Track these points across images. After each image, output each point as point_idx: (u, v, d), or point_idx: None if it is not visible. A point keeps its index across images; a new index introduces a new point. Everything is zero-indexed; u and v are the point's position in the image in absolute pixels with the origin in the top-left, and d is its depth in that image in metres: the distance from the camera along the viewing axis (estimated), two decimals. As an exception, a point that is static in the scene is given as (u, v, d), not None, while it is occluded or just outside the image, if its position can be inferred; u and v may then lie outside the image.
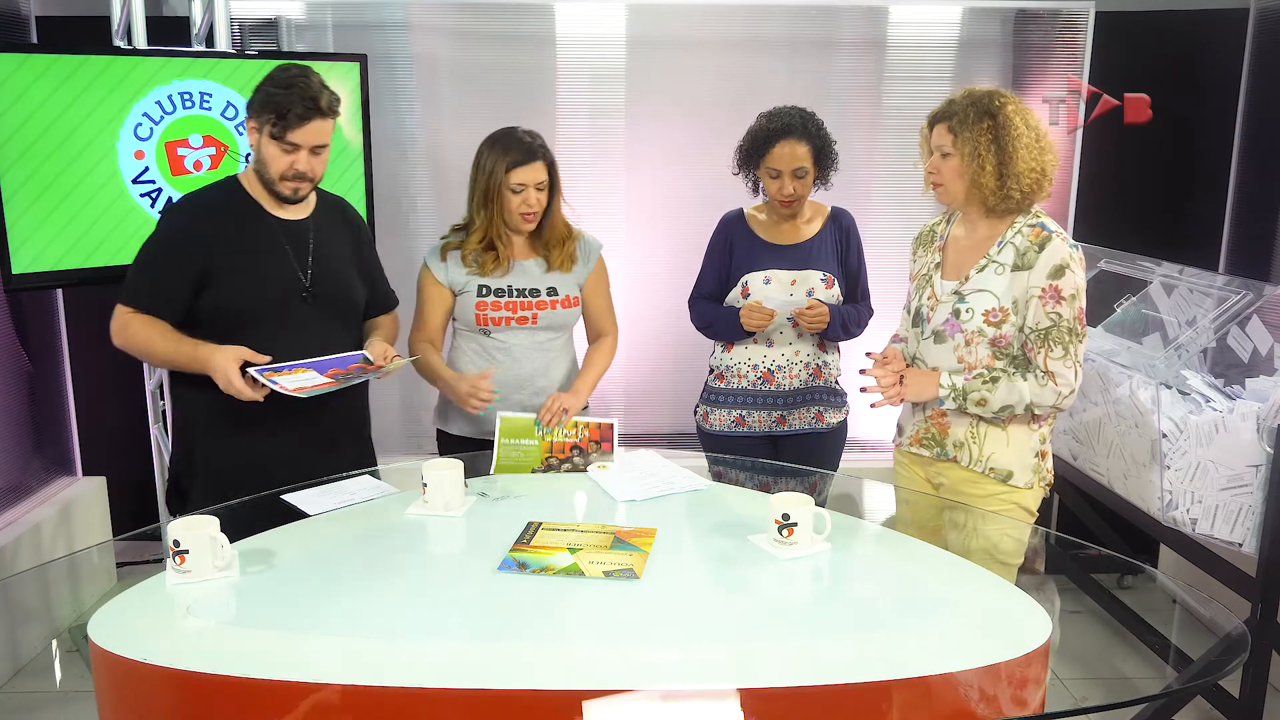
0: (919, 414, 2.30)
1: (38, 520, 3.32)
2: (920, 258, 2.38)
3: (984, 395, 2.14)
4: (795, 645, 1.57)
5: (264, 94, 2.16)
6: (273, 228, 2.26)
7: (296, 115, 2.13)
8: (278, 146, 2.17)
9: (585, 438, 2.34)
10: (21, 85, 2.80)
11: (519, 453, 2.34)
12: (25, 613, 3.01)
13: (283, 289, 2.25)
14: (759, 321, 2.57)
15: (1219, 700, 2.67)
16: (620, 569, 1.76)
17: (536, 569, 1.76)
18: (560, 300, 2.54)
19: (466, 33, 3.59)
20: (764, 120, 2.64)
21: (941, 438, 2.25)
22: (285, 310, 2.25)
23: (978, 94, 2.16)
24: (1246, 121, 3.60)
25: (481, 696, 1.42)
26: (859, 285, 2.75)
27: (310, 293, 2.27)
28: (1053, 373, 2.12)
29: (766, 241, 2.69)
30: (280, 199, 2.25)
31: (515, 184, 2.42)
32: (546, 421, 2.35)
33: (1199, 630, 2.11)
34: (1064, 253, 2.11)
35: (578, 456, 2.34)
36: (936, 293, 2.25)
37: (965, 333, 2.18)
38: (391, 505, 2.11)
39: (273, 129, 2.15)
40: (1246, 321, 2.79)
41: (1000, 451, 2.20)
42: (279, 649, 1.53)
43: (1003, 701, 1.50)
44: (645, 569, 1.77)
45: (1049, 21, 3.59)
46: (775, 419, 2.71)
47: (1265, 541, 2.46)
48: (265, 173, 2.21)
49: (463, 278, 2.50)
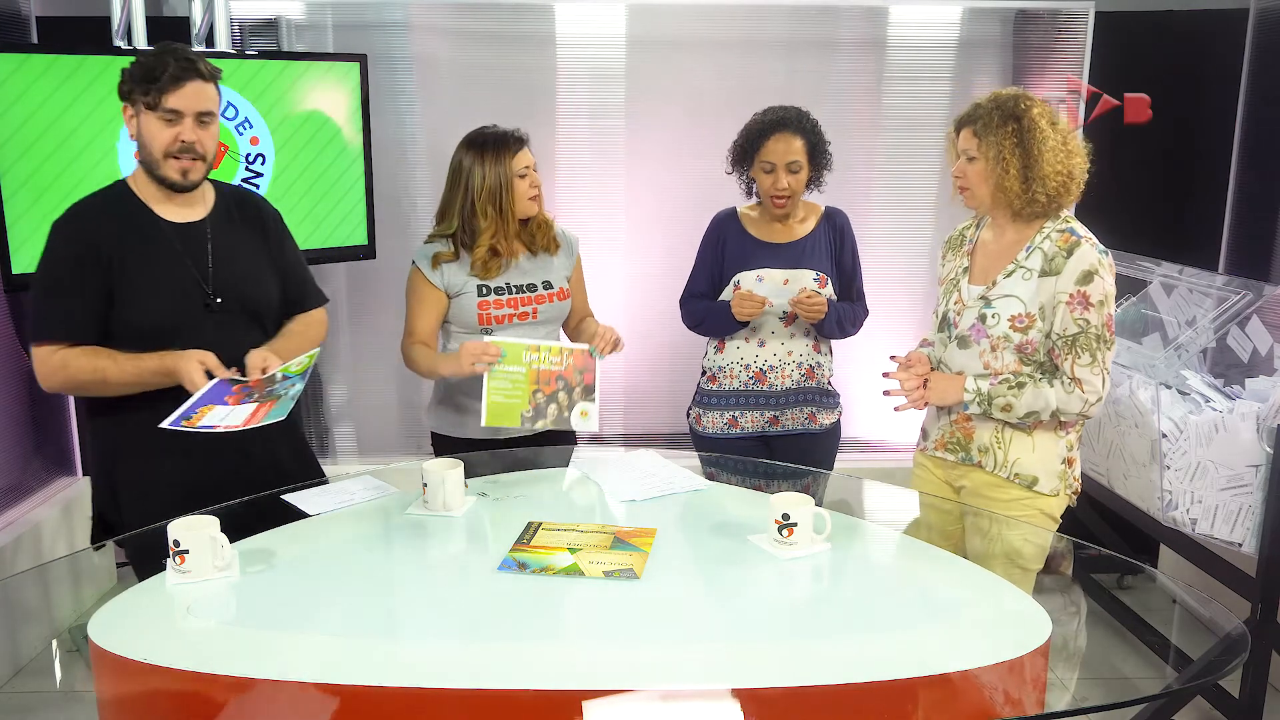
0: (944, 418, 2.29)
1: (38, 520, 3.31)
2: (949, 261, 2.36)
3: (1009, 400, 2.13)
4: (795, 645, 1.57)
5: (133, 67, 2.00)
6: (167, 234, 2.08)
7: (172, 76, 1.96)
8: (157, 118, 1.98)
9: (570, 366, 2.34)
10: (21, 85, 2.80)
11: (507, 382, 2.31)
12: (25, 613, 3.00)
13: (184, 301, 2.07)
14: (750, 310, 2.56)
15: (1219, 700, 2.67)
16: (620, 569, 1.76)
17: (536, 569, 1.76)
18: (555, 293, 2.56)
19: (466, 33, 3.59)
20: (759, 115, 2.64)
21: (966, 442, 2.24)
22: (190, 324, 2.07)
23: (1003, 97, 2.15)
24: (1246, 121, 3.60)
25: (481, 696, 1.42)
26: (854, 285, 2.74)
27: (212, 302, 2.09)
28: (1080, 379, 2.10)
29: (759, 240, 2.69)
30: (170, 186, 2.07)
31: (522, 168, 2.45)
32: (604, 350, 2.37)
33: (1199, 630, 2.11)
34: (1093, 258, 2.09)
35: (562, 391, 2.34)
36: (964, 297, 2.23)
37: (991, 338, 2.16)
38: (391, 505, 2.11)
39: (147, 98, 1.97)
40: (1246, 321, 2.79)
41: (1026, 457, 2.18)
42: (279, 649, 1.53)
43: (1003, 701, 1.50)
44: (645, 569, 1.77)
45: (1049, 21, 3.59)
46: (768, 419, 2.71)
47: (1265, 541, 2.46)
48: (149, 155, 2.03)
49: (460, 279, 2.50)
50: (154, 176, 2.07)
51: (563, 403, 2.35)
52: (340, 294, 3.78)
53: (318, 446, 3.85)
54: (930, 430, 2.36)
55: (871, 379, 4.00)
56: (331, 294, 3.76)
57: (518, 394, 2.33)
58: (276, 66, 3.19)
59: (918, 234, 3.77)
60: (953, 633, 1.61)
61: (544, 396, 2.34)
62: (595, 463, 2.37)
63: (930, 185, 3.73)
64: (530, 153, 2.50)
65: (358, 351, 3.84)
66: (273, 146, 3.21)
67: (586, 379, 2.36)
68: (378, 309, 3.80)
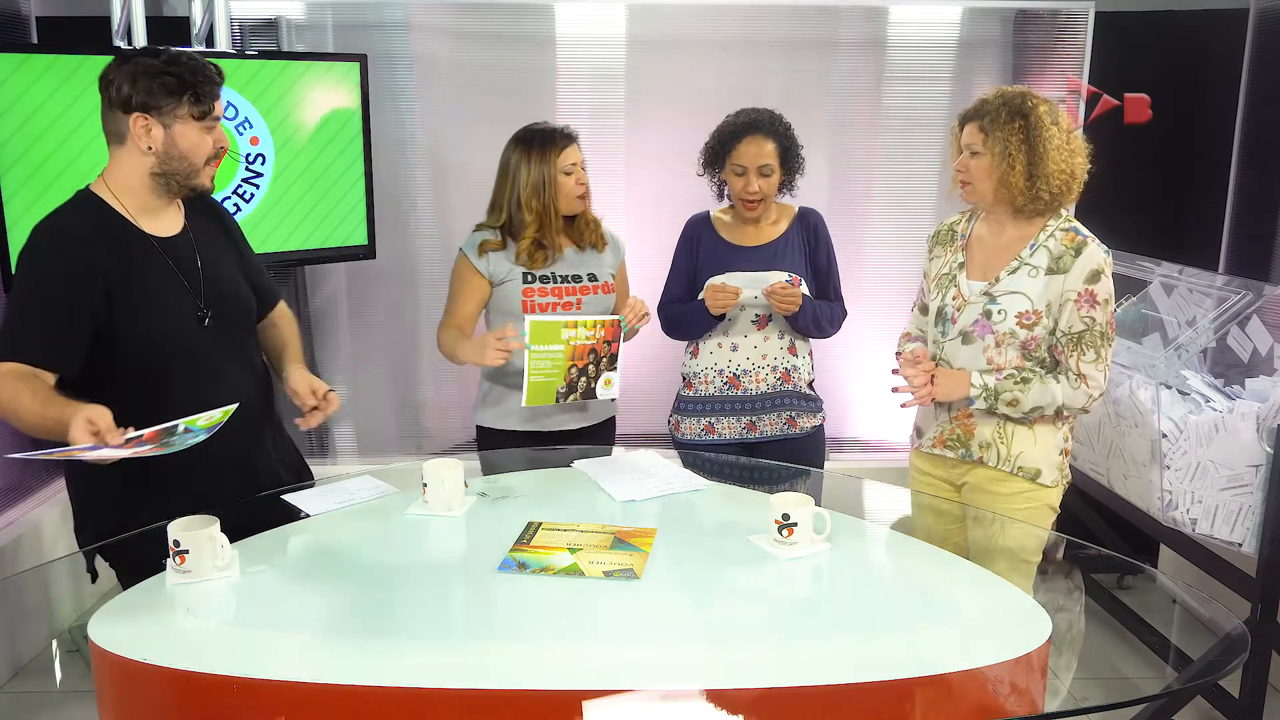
0: (942, 416, 2.29)
1: (38, 520, 3.31)
2: (939, 256, 2.36)
3: (1016, 395, 2.15)
4: (795, 645, 1.57)
5: (159, 81, 1.88)
6: (157, 250, 1.99)
7: (214, 83, 1.92)
8: (199, 128, 1.93)
9: (600, 338, 2.41)
10: (21, 85, 2.80)
11: (548, 361, 2.38)
12: (25, 613, 3.01)
13: (180, 319, 1.99)
14: (724, 300, 2.52)
15: (1219, 700, 2.67)
16: (620, 569, 1.76)
17: (536, 569, 1.76)
18: (600, 286, 2.60)
19: (466, 33, 3.59)
20: (731, 117, 2.62)
21: (967, 439, 2.25)
22: (187, 340, 2.00)
23: (1010, 94, 2.16)
24: (1246, 121, 3.60)
25: (481, 696, 1.42)
26: (830, 284, 2.69)
27: (205, 315, 2.02)
28: (1085, 375, 2.14)
29: (731, 244, 2.66)
30: (195, 191, 2.02)
31: (568, 165, 2.50)
32: (631, 321, 2.53)
33: (1199, 630, 2.11)
34: (1099, 258, 2.13)
35: (591, 364, 2.41)
36: (964, 293, 2.24)
37: (996, 334, 2.18)
38: (391, 505, 2.11)
39: (194, 109, 1.90)
40: (1246, 321, 2.79)
41: (1029, 451, 2.20)
42: (279, 649, 1.53)
43: (1003, 701, 1.50)
44: (645, 569, 1.77)
45: (1049, 21, 3.59)
46: (745, 425, 2.66)
47: (1265, 541, 2.46)
48: (187, 165, 1.95)
49: (505, 267, 2.53)
50: (181, 185, 1.98)
51: (591, 374, 2.42)
52: (340, 294, 3.78)
53: (318, 446, 3.85)
54: (925, 428, 2.36)
55: (868, 378, 4.01)
56: (331, 294, 3.81)
57: (555, 371, 2.39)
58: (276, 66, 3.19)
59: (917, 234, 3.76)
60: (953, 633, 1.61)
61: (576, 370, 2.41)
62: (595, 463, 2.37)
63: (930, 185, 3.73)
64: (579, 150, 2.54)
65: (358, 351, 3.84)
66: (273, 146, 3.21)
67: (614, 349, 2.44)
68: (377, 309, 3.80)
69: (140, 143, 1.91)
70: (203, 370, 2.01)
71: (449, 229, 3.69)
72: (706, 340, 2.66)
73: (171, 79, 1.88)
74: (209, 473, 1.97)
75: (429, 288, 3.73)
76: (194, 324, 2.00)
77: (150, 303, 1.95)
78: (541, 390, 2.40)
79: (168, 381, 1.97)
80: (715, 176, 2.67)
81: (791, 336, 2.65)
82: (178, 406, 1.83)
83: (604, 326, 2.42)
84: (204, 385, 1.98)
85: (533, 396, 2.40)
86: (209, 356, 2.03)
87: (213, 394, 1.89)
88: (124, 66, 1.89)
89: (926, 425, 2.35)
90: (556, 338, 2.37)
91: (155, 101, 1.88)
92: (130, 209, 1.98)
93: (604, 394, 2.46)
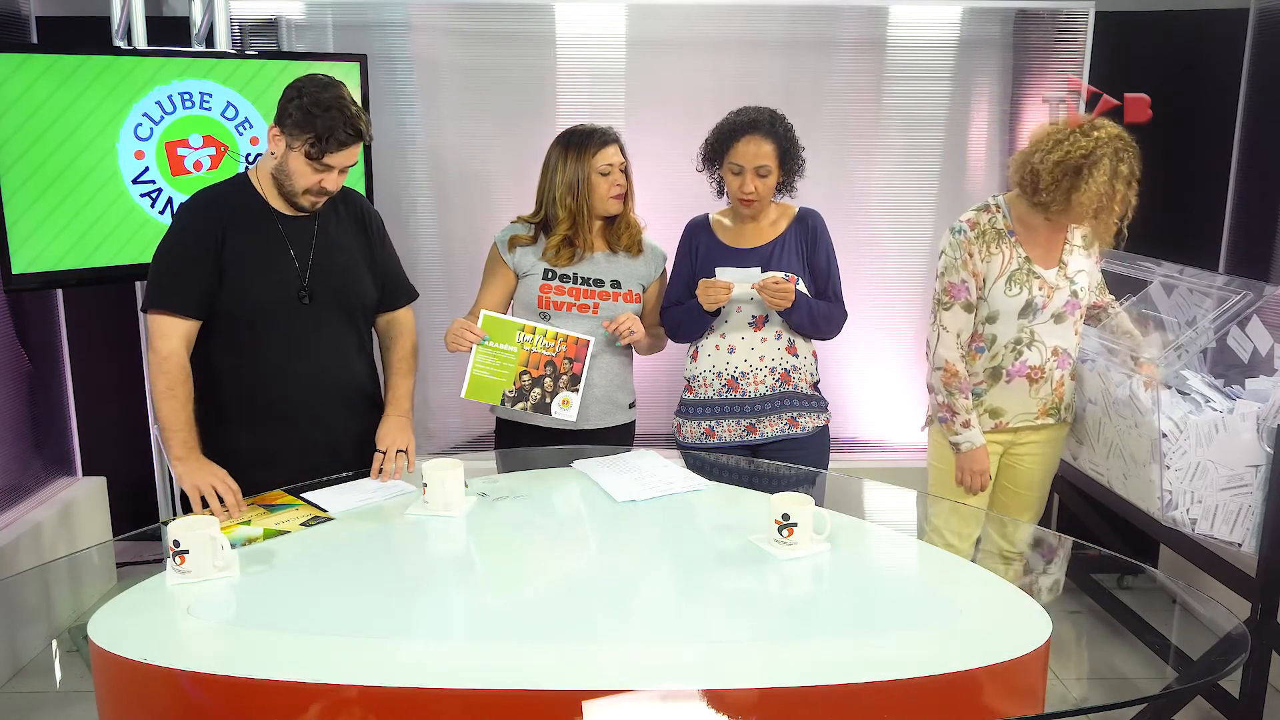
0: (1045, 388, 2.62)
1: (38, 520, 3.31)
2: (995, 254, 2.52)
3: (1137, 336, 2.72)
4: (795, 645, 1.57)
5: (303, 111, 2.08)
6: (276, 223, 2.22)
7: (338, 141, 2.09)
8: (311, 166, 2.11)
9: (561, 353, 2.39)
10: (21, 85, 2.80)
11: (495, 359, 2.38)
12: (25, 613, 3.00)
13: (280, 289, 2.20)
14: (715, 295, 2.48)
15: (1219, 700, 2.67)
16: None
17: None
18: (623, 294, 2.58)
19: (466, 33, 3.59)
20: (731, 115, 2.60)
21: (1059, 403, 2.67)
22: (283, 312, 2.20)
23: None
24: (1246, 121, 3.60)
25: (481, 696, 1.42)
26: (829, 286, 2.65)
27: (307, 291, 2.22)
28: (1112, 301, 2.78)
29: (727, 246, 2.63)
30: (297, 209, 2.22)
31: (604, 165, 2.51)
32: (612, 329, 2.51)
33: (1199, 630, 2.11)
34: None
35: (549, 378, 2.39)
36: (1049, 281, 2.54)
37: (1081, 308, 2.61)
38: (392, 505, 2.11)
39: (310, 149, 2.08)
40: (1246, 321, 2.79)
41: (1071, 395, 2.73)
42: (279, 649, 1.53)
43: (1002, 701, 1.50)
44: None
45: (1049, 21, 3.59)
46: (745, 428, 2.62)
47: (1265, 541, 2.46)
48: (288, 184, 2.16)
49: (530, 261, 2.55)
50: (287, 194, 2.19)
51: (547, 388, 2.39)
52: (340, 294, 3.77)
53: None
54: (1008, 409, 2.63)
55: (868, 378, 4.01)
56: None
57: (504, 372, 2.38)
58: (276, 66, 3.19)
59: (917, 234, 3.77)
60: (953, 633, 1.61)
61: (530, 379, 2.39)
62: (595, 463, 2.38)
63: (930, 185, 3.73)
64: (619, 152, 2.56)
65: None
66: (273, 146, 3.21)
67: (575, 369, 2.40)
68: (378, 309, 3.80)
69: (271, 145, 2.16)
70: (290, 344, 2.21)
71: (449, 229, 3.69)
72: (704, 341, 2.64)
73: (310, 117, 2.07)
74: (291, 457, 2.23)
75: (429, 288, 3.73)
76: (292, 297, 2.21)
77: (256, 261, 2.18)
78: (484, 386, 2.39)
79: (255, 345, 2.19)
80: (714, 173, 2.66)
81: (790, 336, 2.61)
82: (259, 373, 2.19)
83: (568, 343, 2.39)
84: (288, 360, 2.20)
85: (473, 390, 2.39)
86: (302, 334, 2.22)
87: (295, 370, 2.21)
88: (306, 85, 2.11)
89: (1014, 406, 2.63)
90: (510, 338, 2.38)
91: (287, 124, 2.10)
92: (266, 192, 2.22)
93: (560, 413, 2.40)
